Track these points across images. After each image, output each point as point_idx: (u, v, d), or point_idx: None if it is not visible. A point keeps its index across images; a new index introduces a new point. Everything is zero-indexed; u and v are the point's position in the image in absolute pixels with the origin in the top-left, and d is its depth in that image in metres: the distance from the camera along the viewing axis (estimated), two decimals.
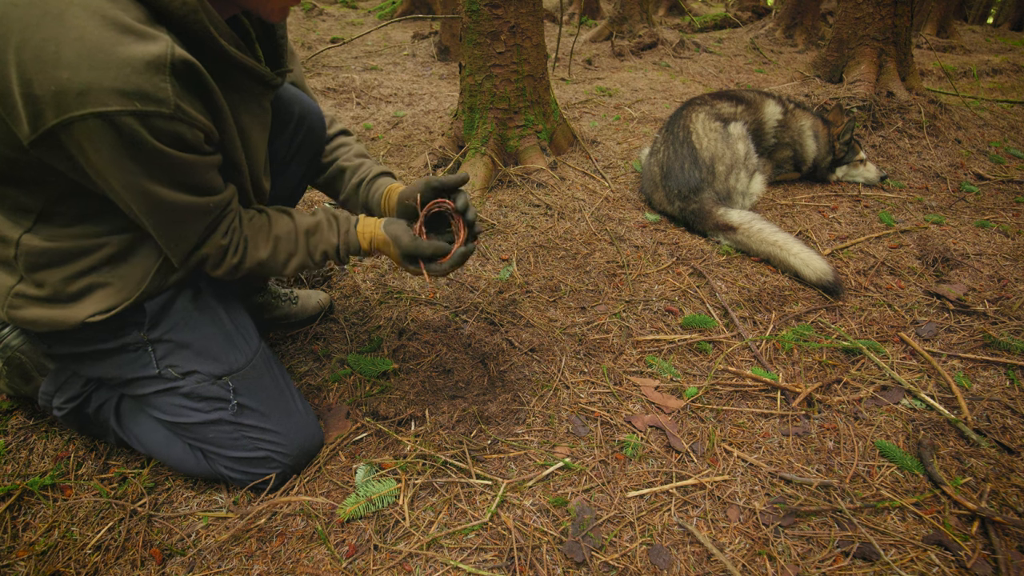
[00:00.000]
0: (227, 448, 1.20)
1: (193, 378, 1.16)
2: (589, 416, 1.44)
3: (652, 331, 1.77)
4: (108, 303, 1.07)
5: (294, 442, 1.25)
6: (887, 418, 1.46)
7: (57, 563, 1.09)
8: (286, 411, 1.26)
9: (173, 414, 1.19)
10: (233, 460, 1.21)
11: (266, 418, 1.22)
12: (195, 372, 1.16)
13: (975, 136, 3.42)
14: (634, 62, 5.55)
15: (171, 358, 1.15)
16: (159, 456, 1.26)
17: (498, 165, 2.69)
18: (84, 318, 1.06)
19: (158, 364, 1.15)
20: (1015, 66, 5.56)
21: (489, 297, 1.86)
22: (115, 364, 1.15)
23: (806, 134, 2.76)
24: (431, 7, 7.29)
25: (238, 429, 1.20)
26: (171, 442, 1.24)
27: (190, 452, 1.23)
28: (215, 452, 1.21)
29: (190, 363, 1.16)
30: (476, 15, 2.56)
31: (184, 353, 1.16)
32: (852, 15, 4.19)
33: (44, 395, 1.29)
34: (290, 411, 1.27)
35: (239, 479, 1.23)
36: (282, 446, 1.23)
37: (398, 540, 1.14)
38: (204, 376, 1.17)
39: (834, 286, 1.94)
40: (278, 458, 1.23)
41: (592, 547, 1.12)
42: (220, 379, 1.18)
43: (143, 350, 1.14)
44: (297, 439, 1.25)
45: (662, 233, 2.35)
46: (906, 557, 1.11)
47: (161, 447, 1.25)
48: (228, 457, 1.21)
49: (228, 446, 1.20)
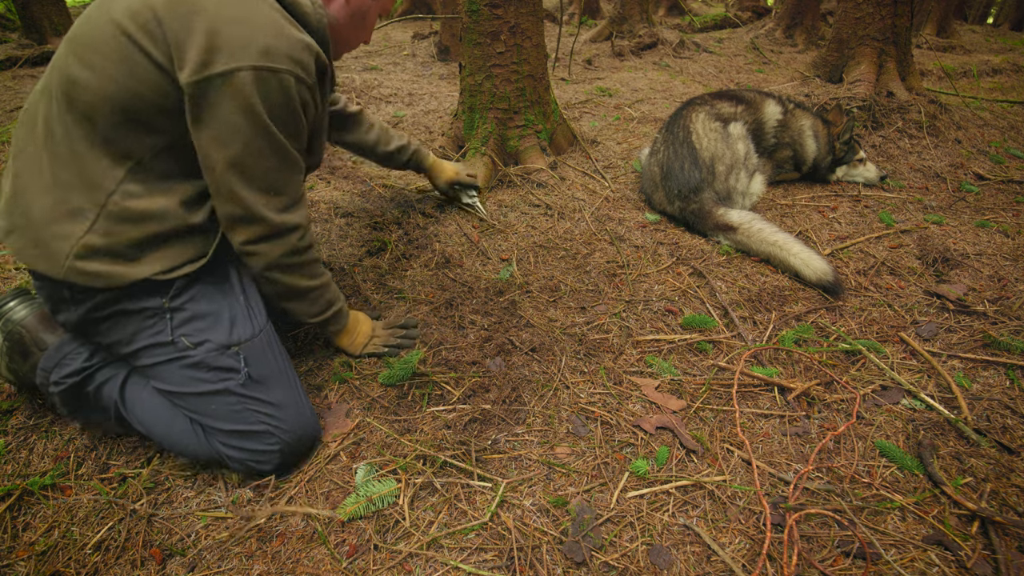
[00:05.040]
0: (227, 421, 1.21)
1: (204, 348, 1.19)
2: (589, 416, 1.44)
3: (652, 331, 1.77)
4: (166, 264, 1.15)
5: (294, 419, 1.26)
6: (887, 418, 1.46)
7: (57, 563, 1.09)
8: (288, 387, 1.29)
9: (179, 384, 1.20)
10: (232, 435, 1.22)
11: (270, 390, 1.24)
12: (207, 342, 1.19)
13: (975, 136, 3.42)
14: (634, 62, 5.55)
15: (186, 327, 1.19)
16: (159, 435, 1.26)
17: (498, 165, 2.69)
18: (143, 276, 1.12)
19: (172, 332, 1.18)
20: (1015, 66, 5.56)
21: (489, 297, 1.86)
22: (131, 329, 1.18)
23: (806, 134, 2.76)
24: (431, 7, 7.29)
25: (241, 401, 1.22)
26: (173, 421, 1.25)
27: (191, 431, 1.24)
28: (215, 427, 1.22)
29: (203, 333, 1.20)
30: (476, 15, 2.56)
31: (199, 323, 1.20)
32: (852, 15, 4.19)
33: (42, 371, 1.28)
34: (292, 388, 1.30)
35: (236, 457, 1.23)
36: (283, 421, 1.24)
37: (398, 540, 1.14)
38: (215, 346, 1.20)
39: (834, 286, 1.94)
40: (277, 433, 1.23)
41: (592, 547, 1.12)
42: (229, 349, 1.21)
43: (161, 316, 1.18)
44: (297, 417, 1.27)
45: (662, 233, 2.35)
46: (906, 557, 1.11)
47: (163, 425, 1.26)
48: (227, 431, 1.21)
49: (229, 419, 1.21)
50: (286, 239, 1.24)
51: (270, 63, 1.04)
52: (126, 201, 1.10)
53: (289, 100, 1.10)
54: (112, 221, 1.10)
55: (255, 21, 1.04)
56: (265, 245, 1.22)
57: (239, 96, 1.04)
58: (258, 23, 1.04)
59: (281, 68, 1.06)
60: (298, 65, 1.08)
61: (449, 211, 2.34)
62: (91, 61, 1.04)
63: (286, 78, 1.07)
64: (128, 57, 1.03)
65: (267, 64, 1.04)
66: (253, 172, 1.14)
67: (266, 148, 1.13)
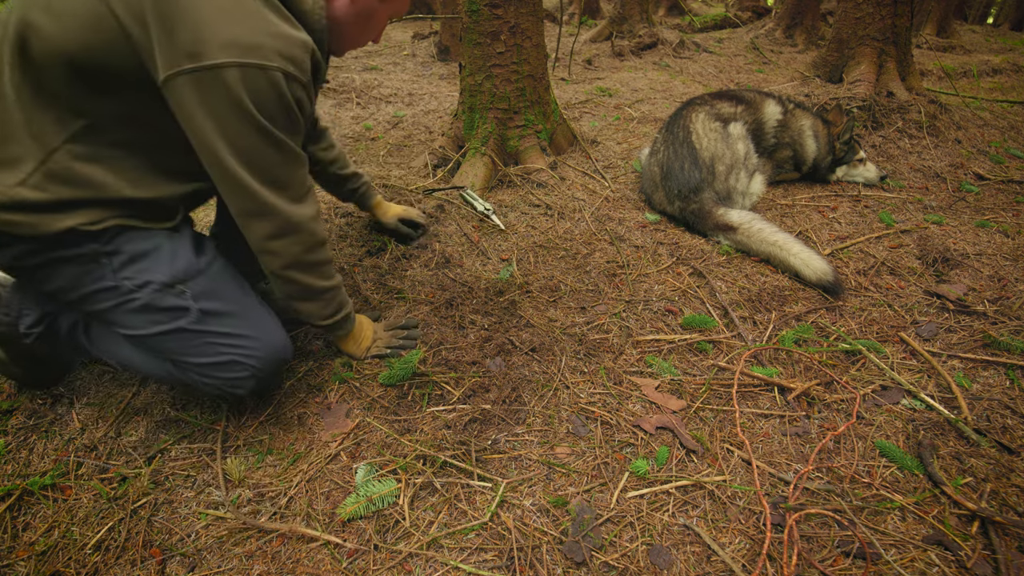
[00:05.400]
0: (193, 356, 1.21)
1: (147, 289, 1.16)
2: (589, 416, 1.44)
3: (652, 331, 1.77)
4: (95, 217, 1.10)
5: (260, 346, 1.25)
6: (887, 418, 1.46)
7: (57, 563, 1.09)
8: (248, 315, 1.27)
9: (135, 327, 1.19)
10: (201, 367, 1.22)
11: (228, 322, 1.23)
12: (149, 283, 1.16)
13: (975, 136, 3.42)
14: (634, 62, 5.55)
15: (127, 270, 1.15)
16: (135, 367, 1.26)
17: (498, 165, 2.69)
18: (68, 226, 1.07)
19: (114, 276, 1.15)
20: (1015, 66, 5.56)
21: (489, 297, 1.86)
22: (70, 276, 1.15)
23: (806, 134, 2.76)
24: (431, 7, 7.29)
25: (199, 336, 1.20)
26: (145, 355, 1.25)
27: (163, 363, 1.24)
28: (182, 361, 1.22)
29: (144, 274, 1.16)
30: (476, 15, 2.56)
31: (140, 263, 1.16)
32: (852, 15, 4.19)
33: (7, 324, 1.27)
34: (253, 315, 1.27)
35: (212, 383, 1.23)
36: (248, 349, 1.23)
37: (398, 540, 1.14)
38: (158, 286, 1.17)
39: (834, 286, 1.94)
40: (246, 361, 1.23)
41: (592, 547, 1.12)
42: (174, 287, 1.18)
43: (97, 261, 1.14)
44: (264, 343, 1.26)
45: (662, 233, 2.35)
46: (906, 557, 1.11)
47: (135, 358, 1.26)
48: (196, 364, 1.21)
49: (194, 353, 1.21)
50: (301, 233, 1.23)
51: (259, 60, 1.01)
52: (70, 161, 1.06)
53: (280, 96, 1.07)
54: (49, 179, 1.05)
55: (246, 17, 1.02)
56: (283, 242, 1.21)
57: (227, 91, 1.01)
58: (249, 19, 1.02)
59: (270, 65, 1.03)
60: (290, 62, 1.06)
61: (449, 211, 2.34)
62: (56, 10, 0.99)
63: (275, 75, 1.04)
64: (99, 22, 0.98)
65: (255, 61, 1.01)
66: (256, 165, 1.12)
67: (262, 143, 1.11)
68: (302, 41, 1.08)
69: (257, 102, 1.05)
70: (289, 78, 1.07)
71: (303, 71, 1.10)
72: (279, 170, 1.16)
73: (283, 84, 1.06)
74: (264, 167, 1.14)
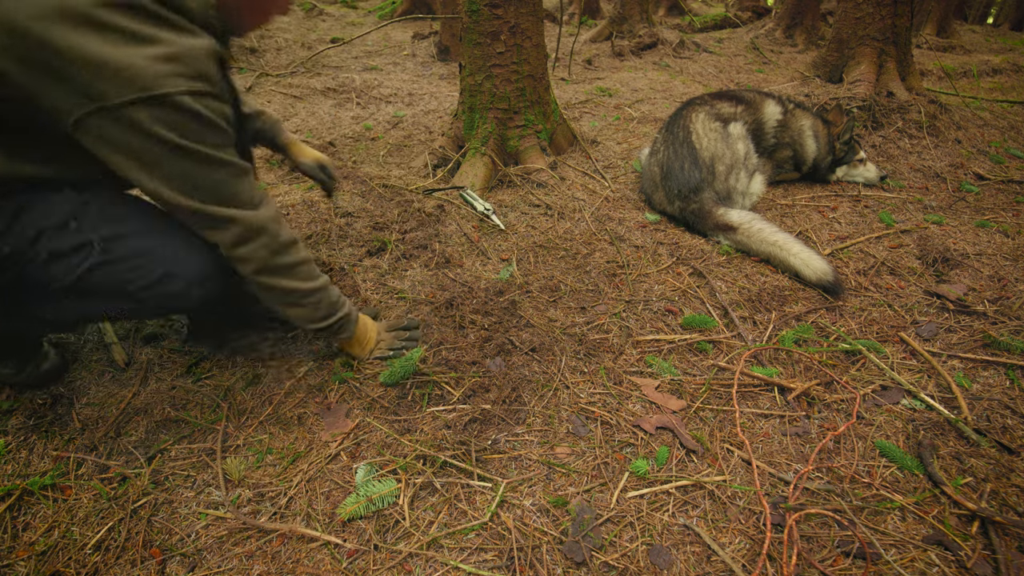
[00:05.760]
0: (127, 284, 1.18)
1: (42, 241, 1.11)
2: (589, 416, 1.44)
3: (652, 331, 1.77)
4: None
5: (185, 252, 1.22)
6: (887, 418, 1.46)
7: (57, 563, 1.09)
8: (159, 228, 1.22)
9: (55, 279, 1.15)
10: (138, 292, 1.18)
11: (144, 237, 1.19)
12: (42, 234, 1.11)
13: (975, 136, 3.42)
14: (634, 62, 5.55)
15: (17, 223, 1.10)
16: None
17: (498, 165, 2.69)
18: None
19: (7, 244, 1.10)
20: (1015, 66, 5.56)
21: (489, 297, 1.86)
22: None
23: (806, 134, 2.76)
24: (431, 7, 7.29)
25: (122, 261, 1.17)
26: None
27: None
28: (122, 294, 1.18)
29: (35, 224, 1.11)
30: (476, 15, 2.56)
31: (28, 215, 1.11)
32: (852, 15, 4.19)
33: None
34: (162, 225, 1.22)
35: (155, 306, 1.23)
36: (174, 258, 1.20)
37: (398, 540, 1.14)
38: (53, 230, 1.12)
39: (834, 286, 1.94)
40: (176, 270, 1.20)
41: (592, 547, 1.12)
42: (66, 226, 1.13)
43: None
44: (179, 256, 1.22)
45: (662, 233, 2.35)
46: (906, 557, 1.11)
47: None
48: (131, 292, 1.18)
49: (126, 282, 1.18)
50: (264, 236, 1.21)
51: (160, 90, 0.97)
52: None
53: (196, 116, 1.03)
54: None
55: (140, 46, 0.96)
56: (249, 247, 1.20)
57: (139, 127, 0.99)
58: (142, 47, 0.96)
59: (173, 91, 0.98)
60: (195, 79, 1.02)
61: (449, 211, 2.34)
62: None
63: (181, 99, 1.00)
64: None
65: (156, 92, 0.97)
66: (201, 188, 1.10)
67: (196, 166, 1.08)
68: (201, 48, 1.03)
69: (172, 128, 1.01)
70: (198, 95, 1.02)
71: (210, 80, 1.05)
72: (224, 187, 1.14)
73: (193, 103, 1.02)
74: (208, 187, 1.11)
